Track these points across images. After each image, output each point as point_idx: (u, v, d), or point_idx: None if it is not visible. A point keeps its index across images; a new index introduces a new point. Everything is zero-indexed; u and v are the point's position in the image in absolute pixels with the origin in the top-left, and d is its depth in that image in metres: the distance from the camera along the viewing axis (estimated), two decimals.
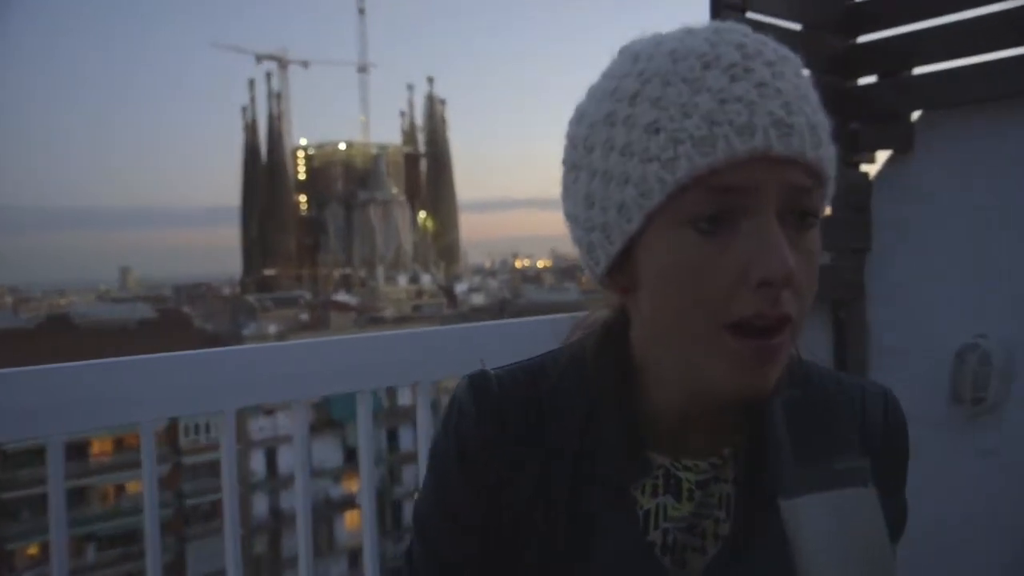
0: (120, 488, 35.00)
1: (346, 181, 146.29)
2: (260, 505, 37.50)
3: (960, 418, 2.29)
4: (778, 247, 0.69)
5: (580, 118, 0.79)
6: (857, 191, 2.56)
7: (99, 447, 34.54)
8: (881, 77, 2.55)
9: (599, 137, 0.76)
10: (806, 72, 0.76)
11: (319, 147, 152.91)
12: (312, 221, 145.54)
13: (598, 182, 0.76)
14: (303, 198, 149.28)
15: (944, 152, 2.43)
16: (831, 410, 0.69)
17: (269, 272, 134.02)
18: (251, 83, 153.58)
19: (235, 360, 1.77)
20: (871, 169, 2.61)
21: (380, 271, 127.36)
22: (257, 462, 37.92)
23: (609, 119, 0.75)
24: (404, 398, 36.41)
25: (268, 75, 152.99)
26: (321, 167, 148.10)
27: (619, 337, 0.83)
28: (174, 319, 47.32)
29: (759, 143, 0.68)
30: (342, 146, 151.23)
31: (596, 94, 0.78)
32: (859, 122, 2.55)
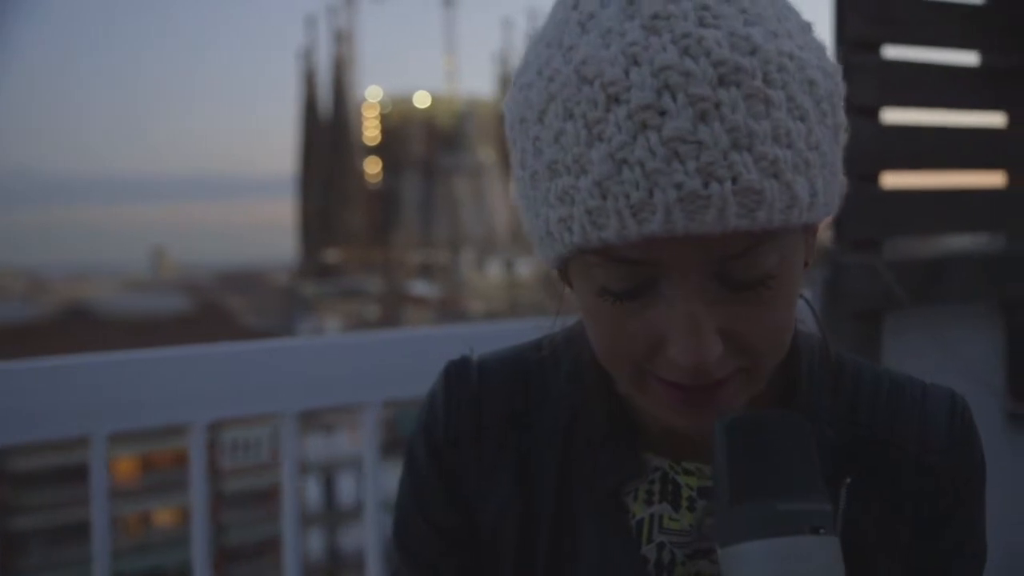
0: (145, 518, 36.50)
1: (427, 144, 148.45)
2: (315, 543, 38.50)
3: None
4: (688, 336, 0.71)
5: (513, 84, 0.79)
6: None
7: (122, 468, 36.07)
8: None
9: (517, 139, 0.77)
10: (787, 72, 0.69)
11: (394, 101, 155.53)
12: (385, 193, 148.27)
13: (519, 185, 0.78)
14: (374, 165, 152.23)
15: None
16: (787, 435, 0.69)
17: (332, 256, 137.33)
18: (310, 21, 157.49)
19: (299, 354, 1.94)
20: None
21: (466, 256, 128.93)
22: (311, 489, 38.94)
23: (523, 126, 0.75)
24: None
25: (331, 10, 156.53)
26: (396, 126, 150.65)
27: None
28: (214, 313, 49.00)
29: (657, 226, 0.67)
30: (422, 100, 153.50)
31: (522, 70, 0.78)
32: None
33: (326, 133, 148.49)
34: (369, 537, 1.84)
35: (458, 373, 0.95)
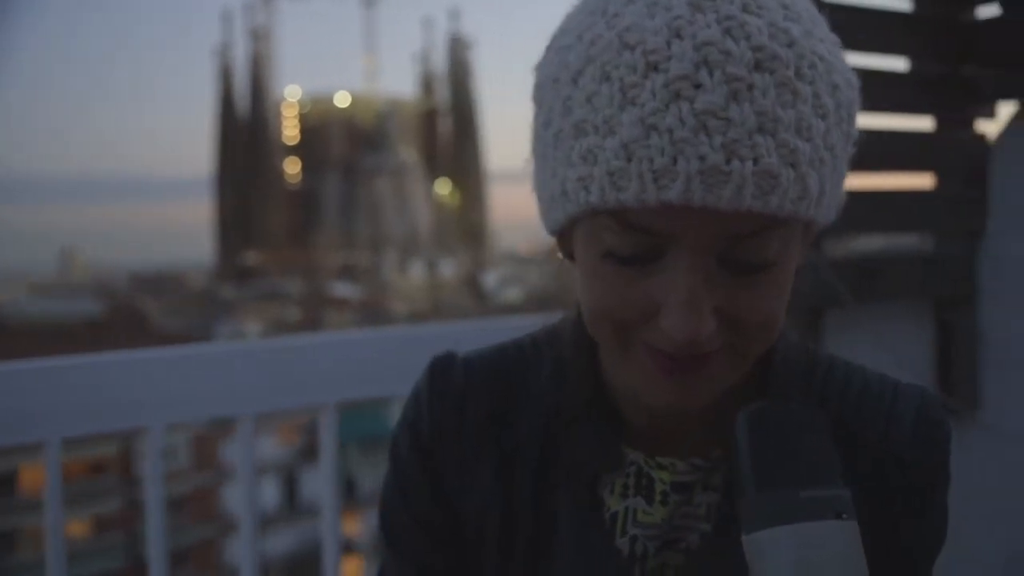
0: None
1: (348, 143, 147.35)
2: (238, 549, 37.93)
3: None
4: (685, 309, 0.72)
5: (547, 48, 0.82)
6: (970, 158, 2.52)
7: (31, 478, 35.14)
8: (1007, 7, 2.50)
9: (545, 98, 0.79)
10: (816, 70, 0.73)
11: (314, 100, 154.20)
12: (304, 193, 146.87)
13: (539, 145, 0.81)
14: (293, 165, 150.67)
15: None
16: (806, 426, 0.72)
17: (251, 258, 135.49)
18: (226, 17, 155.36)
19: (257, 357, 1.93)
20: (990, 129, 2.57)
21: (389, 257, 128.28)
22: (232, 497, 38.36)
23: (555, 86, 0.78)
24: None
25: (248, 7, 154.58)
26: (316, 126, 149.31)
27: None
28: (127, 316, 48.03)
29: (675, 195, 0.69)
30: (342, 99, 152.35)
31: (559, 35, 0.81)
32: (975, 65, 2.51)
33: (243, 132, 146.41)
34: (327, 537, 1.86)
35: (443, 369, 0.97)
